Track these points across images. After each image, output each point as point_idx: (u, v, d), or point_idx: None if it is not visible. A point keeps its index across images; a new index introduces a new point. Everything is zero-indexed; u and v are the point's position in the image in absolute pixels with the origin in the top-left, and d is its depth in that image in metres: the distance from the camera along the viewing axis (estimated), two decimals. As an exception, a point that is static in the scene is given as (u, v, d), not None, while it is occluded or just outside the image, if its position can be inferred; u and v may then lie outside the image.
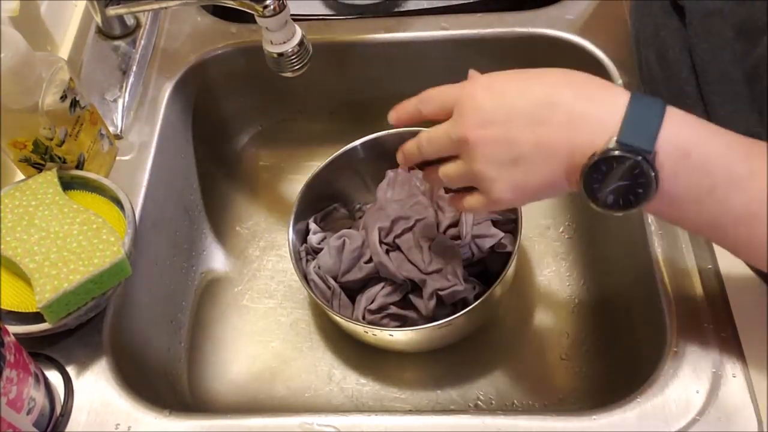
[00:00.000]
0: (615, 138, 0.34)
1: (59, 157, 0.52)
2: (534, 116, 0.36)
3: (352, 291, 0.59)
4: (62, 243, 0.47)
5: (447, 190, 0.57)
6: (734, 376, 0.45)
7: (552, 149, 0.36)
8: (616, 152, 0.34)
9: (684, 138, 0.35)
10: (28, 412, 0.42)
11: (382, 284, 0.57)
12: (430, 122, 0.45)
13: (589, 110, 0.36)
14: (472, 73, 0.43)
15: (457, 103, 0.40)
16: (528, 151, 0.37)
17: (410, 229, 0.58)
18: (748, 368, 0.45)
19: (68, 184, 0.53)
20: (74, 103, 0.52)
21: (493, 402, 0.59)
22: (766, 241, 0.35)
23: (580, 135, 0.35)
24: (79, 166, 0.54)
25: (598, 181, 0.36)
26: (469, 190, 0.43)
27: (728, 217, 0.35)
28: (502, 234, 0.58)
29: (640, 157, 0.34)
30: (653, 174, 0.34)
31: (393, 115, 0.46)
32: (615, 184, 0.35)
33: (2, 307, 0.47)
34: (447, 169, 0.43)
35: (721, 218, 0.35)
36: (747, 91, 0.43)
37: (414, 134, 0.62)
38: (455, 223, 0.59)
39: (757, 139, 0.36)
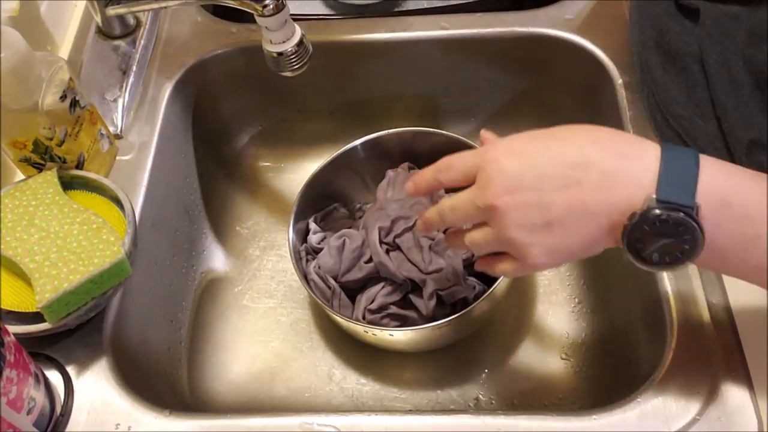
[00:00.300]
0: (654, 195, 0.33)
1: (59, 157, 0.52)
2: (565, 178, 0.35)
3: (352, 291, 0.59)
4: (62, 243, 0.47)
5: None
6: (734, 376, 0.45)
7: (588, 211, 0.35)
8: (657, 210, 0.33)
9: (723, 187, 0.34)
10: (28, 412, 0.42)
11: (382, 284, 0.57)
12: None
13: (622, 167, 0.34)
14: (487, 136, 0.42)
15: (480, 170, 0.38)
16: (562, 214, 0.35)
17: (410, 228, 0.58)
18: (749, 368, 0.45)
19: (68, 184, 0.53)
20: (74, 103, 0.52)
21: (493, 402, 0.59)
22: None
23: (615, 194, 0.34)
24: (79, 166, 0.54)
25: (641, 241, 0.34)
26: (498, 253, 0.41)
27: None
28: (502, 234, 0.57)
29: (682, 214, 0.33)
30: (699, 229, 0.33)
31: (411, 187, 0.44)
32: (660, 242, 0.34)
33: (2, 306, 0.47)
34: (474, 237, 0.40)
35: (765, 265, 0.34)
36: (759, 96, 0.42)
37: (415, 134, 0.63)
38: (455, 223, 0.59)
39: None
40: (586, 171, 0.34)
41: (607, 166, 0.34)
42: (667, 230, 0.33)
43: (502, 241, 0.38)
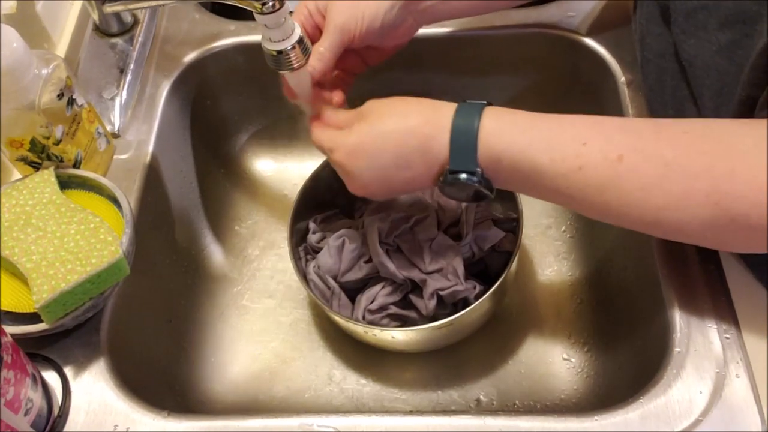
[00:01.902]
0: (448, 168, 0.45)
1: (56, 156, 0.52)
2: (399, 167, 0.47)
3: (352, 291, 0.59)
4: (60, 243, 0.47)
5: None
6: (738, 377, 0.44)
7: (419, 181, 0.47)
8: (452, 177, 0.45)
9: (494, 150, 0.44)
10: (26, 413, 0.41)
11: (382, 284, 0.57)
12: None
13: (432, 147, 0.45)
14: (329, 117, 0.53)
15: (332, 162, 0.50)
16: (404, 187, 0.50)
17: (410, 228, 0.57)
18: (752, 369, 0.45)
19: (65, 183, 0.53)
20: (71, 102, 0.51)
21: (494, 402, 0.58)
22: (576, 206, 0.44)
23: (434, 167, 0.46)
24: (77, 164, 0.54)
25: (453, 193, 0.47)
26: None
27: (547, 194, 0.45)
28: (503, 233, 0.57)
29: (469, 176, 0.45)
30: (484, 183, 0.45)
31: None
32: (465, 193, 0.46)
33: (-1, 307, 0.47)
34: (329, 153, 0.50)
35: (544, 195, 0.45)
36: (734, 82, 0.43)
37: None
38: (456, 223, 0.59)
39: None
40: (411, 157, 0.46)
41: (423, 149, 0.46)
42: (465, 187, 0.46)
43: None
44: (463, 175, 0.45)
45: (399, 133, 0.47)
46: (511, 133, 0.44)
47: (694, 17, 0.46)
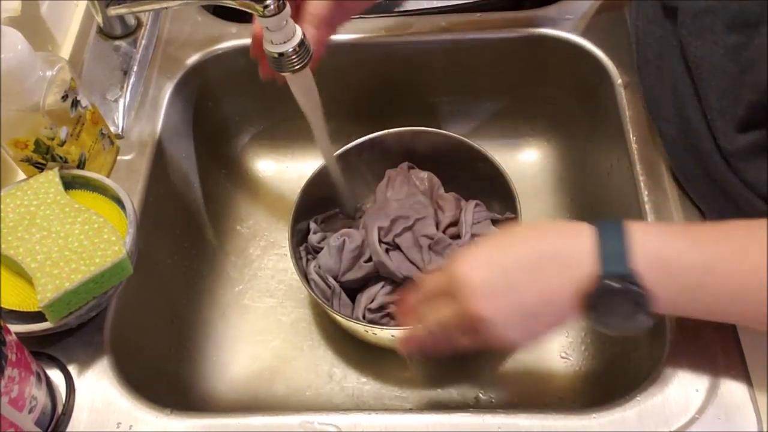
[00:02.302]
0: (598, 273, 0.38)
1: (60, 157, 0.52)
2: (529, 273, 0.40)
3: (353, 290, 0.59)
4: (64, 242, 0.48)
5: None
6: (734, 375, 0.45)
7: (554, 296, 0.40)
8: (602, 285, 0.38)
9: (655, 248, 0.39)
10: (30, 411, 0.42)
11: (382, 283, 0.57)
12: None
13: (569, 253, 0.39)
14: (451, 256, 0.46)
15: (454, 288, 0.41)
16: (535, 305, 0.40)
17: (410, 228, 0.58)
18: (748, 367, 0.45)
19: (69, 184, 0.53)
20: (75, 103, 0.52)
21: (493, 400, 0.59)
22: (762, 311, 0.38)
23: (571, 277, 0.39)
24: (81, 165, 0.54)
25: (601, 313, 0.39)
26: None
27: (722, 300, 0.39)
28: (502, 233, 0.58)
29: (624, 282, 0.38)
30: (641, 290, 0.38)
31: (405, 348, 0.48)
32: (616, 309, 0.39)
33: (4, 306, 0.47)
34: (466, 344, 0.43)
35: (715, 305, 0.39)
36: (740, 84, 0.43)
37: (415, 134, 0.63)
38: (455, 222, 0.59)
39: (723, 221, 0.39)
40: (545, 264, 0.40)
41: (560, 256, 0.40)
42: (617, 299, 0.38)
43: (492, 340, 0.42)
44: (616, 281, 0.38)
45: (531, 239, 0.41)
46: (665, 233, 0.39)
47: (702, 19, 0.46)
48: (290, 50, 0.51)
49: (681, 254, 0.38)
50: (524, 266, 0.40)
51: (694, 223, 0.41)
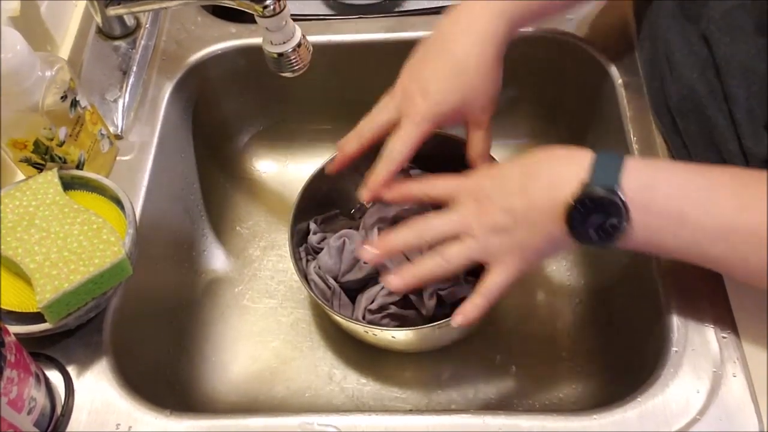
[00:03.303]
0: (585, 182, 0.40)
1: (59, 157, 0.52)
2: (522, 185, 0.43)
3: (352, 291, 0.59)
4: (63, 243, 0.47)
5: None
6: (735, 376, 0.45)
7: (542, 209, 0.42)
8: (587, 192, 0.40)
9: (646, 175, 0.40)
10: (29, 412, 0.42)
11: (382, 284, 0.57)
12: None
13: (564, 171, 0.42)
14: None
15: (462, 194, 0.46)
16: (524, 214, 0.43)
17: (410, 228, 0.58)
18: (749, 368, 0.45)
19: (69, 185, 0.53)
20: (74, 104, 0.52)
21: (494, 401, 0.59)
22: (743, 256, 0.39)
23: (560, 189, 0.41)
24: (80, 166, 0.54)
25: (579, 222, 0.41)
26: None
27: (705, 239, 0.39)
28: (502, 234, 0.57)
29: (608, 192, 0.39)
30: (622, 204, 0.39)
31: (390, 195, 0.52)
32: (594, 220, 0.40)
33: (3, 307, 0.47)
34: (451, 251, 0.46)
35: (695, 243, 0.40)
36: None
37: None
38: (455, 223, 0.59)
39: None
40: (536, 177, 0.43)
41: (552, 171, 0.42)
42: (597, 208, 0.40)
43: (479, 249, 0.45)
44: (598, 189, 0.39)
45: (528, 159, 0.44)
46: (661, 167, 0.41)
47: (731, 16, 0.46)
48: (290, 50, 0.51)
49: (670, 185, 0.39)
50: (515, 183, 0.43)
51: (693, 164, 0.42)
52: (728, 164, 0.45)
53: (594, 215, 0.40)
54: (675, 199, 0.39)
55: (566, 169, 0.42)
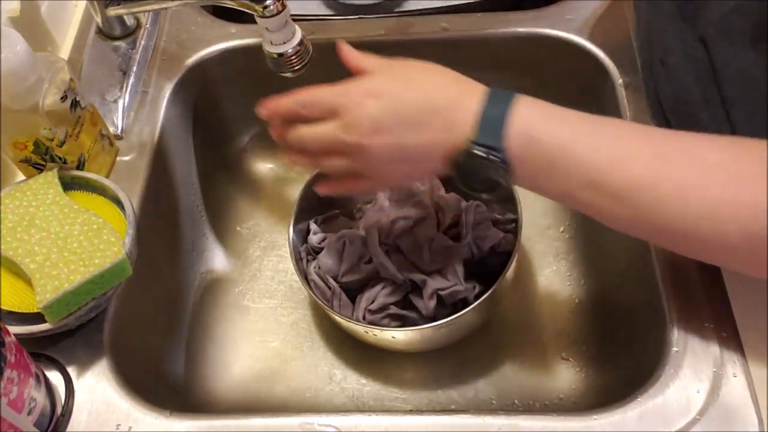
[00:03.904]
0: (470, 139, 0.41)
1: (60, 158, 0.52)
2: (418, 122, 0.43)
3: (353, 291, 0.59)
4: (63, 243, 0.47)
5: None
6: (735, 376, 0.45)
7: (435, 149, 0.43)
8: (473, 151, 0.41)
9: (528, 128, 0.41)
10: (29, 413, 0.42)
11: (382, 284, 0.57)
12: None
13: (458, 114, 0.42)
14: (350, 56, 0.47)
15: (344, 109, 0.44)
16: (415, 151, 0.44)
17: (410, 229, 0.58)
18: (749, 368, 0.45)
19: (69, 185, 0.53)
20: (75, 104, 0.52)
21: (494, 402, 0.59)
22: (606, 205, 0.40)
23: (452, 136, 0.42)
24: (80, 166, 0.54)
25: (466, 173, 0.43)
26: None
27: (573, 186, 0.41)
28: (502, 234, 0.58)
29: (491, 152, 0.41)
30: (505, 165, 0.41)
31: (264, 111, 0.49)
32: (478, 175, 0.43)
33: (3, 307, 0.47)
34: (336, 165, 0.46)
35: (569, 191, 0.41)
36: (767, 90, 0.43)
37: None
38: (455, 223, 0.59)
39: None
40: (434, 116, 0.42)
41: (448, 113, 0.42)
42: (481, 166, 0.42)
43: (364, 170, 0.45)
44: (482, 150, 0.41)
45: (429, 85, 0.43)
46: (546, 116, 0.41)
47: (729, 19, 0.46)
48: (290, 51, 0.51)
49: (545, 134, 0.41)
50: (414, 114, 0.43)
51: (583, 114, 0.42)
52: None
53: (479, 171, 0.42)
54: (549, 152, 0.41)
55: (461, 115, 0.42)
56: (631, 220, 0.40)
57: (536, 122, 0.41)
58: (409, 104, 0.43)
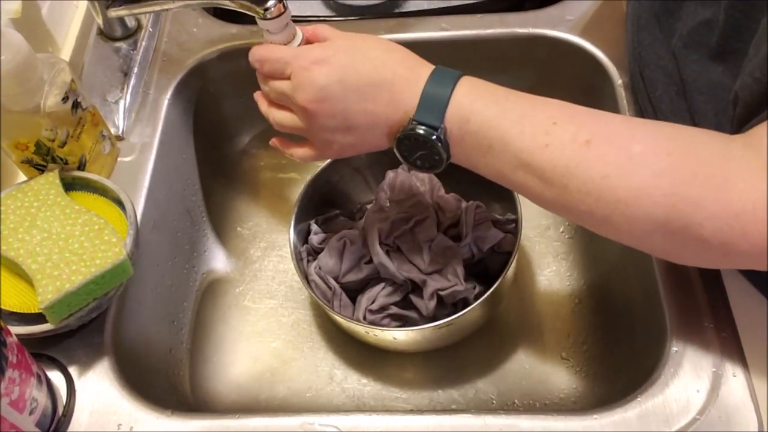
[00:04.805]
0: (412, 119, 0.43)
1: (61, 159, 0.53)
2: (364, 94, 0.44)
3: (353, 291, 0.59)
4: (64, 244, 0.48)
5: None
6: (735, 376, 0.45)
7: (377, 122, 0.45)
8: (414, 130, 0.43)
9: (466, 109, 0.42)
10: (31, 413, 0.42)
11: (382, 284, 0.57)
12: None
13: (403, 90, 0.44)
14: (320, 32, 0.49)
15: (293, 73, 0.46)
16: (358, 122, 0.45)
17: (410, 229, 0.58)
18: (749, 367, 0.45)
19: (70, 186, 0.53)
20: (76, 105, 0.52)
21: (494, 401, 0.59)
22: (536, 187, 0.42)
23: (396, 112, 0.44)
24: (81, 167, 0.54)
25: (407, 150, 0.45)
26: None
27: (506, 167, 0.42)
28: (502, 234, 0.58)
29: (431, 131, 0.43)
30: (442, 145, 0.43)
31: (250, 58, 0.50)
32: (419, 152, 0.44)
33: (4, 307, 0.47)
34: (281, 119, 0.49)
35: (502, 170, 0.43)
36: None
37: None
38: (455, 223, 0.59)
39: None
40: (379, 89, 0.44)
41: (394, 88, 0.44)
42: (421, 145, 0.44)
43: (305, 132, 0.48)
44: (423, 129, 0.42)
45: (378, 60, 0.44)
46: (485, 98, 0.43)
47: (697, 32, 0.46)
48: (290, 51, 0.50)
49: (481, 115, 0.42)
50: (360, 85, 0.44)
51: (524, 95, 0.44)
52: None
53: (420, 150, 0.44)
54: (484, 132, 0.42)
55: (406, 93, 0.43)
56: (559, 202, 0.41)
57: (474, 103, 0.42)
58: (355, 75, 0.44)
